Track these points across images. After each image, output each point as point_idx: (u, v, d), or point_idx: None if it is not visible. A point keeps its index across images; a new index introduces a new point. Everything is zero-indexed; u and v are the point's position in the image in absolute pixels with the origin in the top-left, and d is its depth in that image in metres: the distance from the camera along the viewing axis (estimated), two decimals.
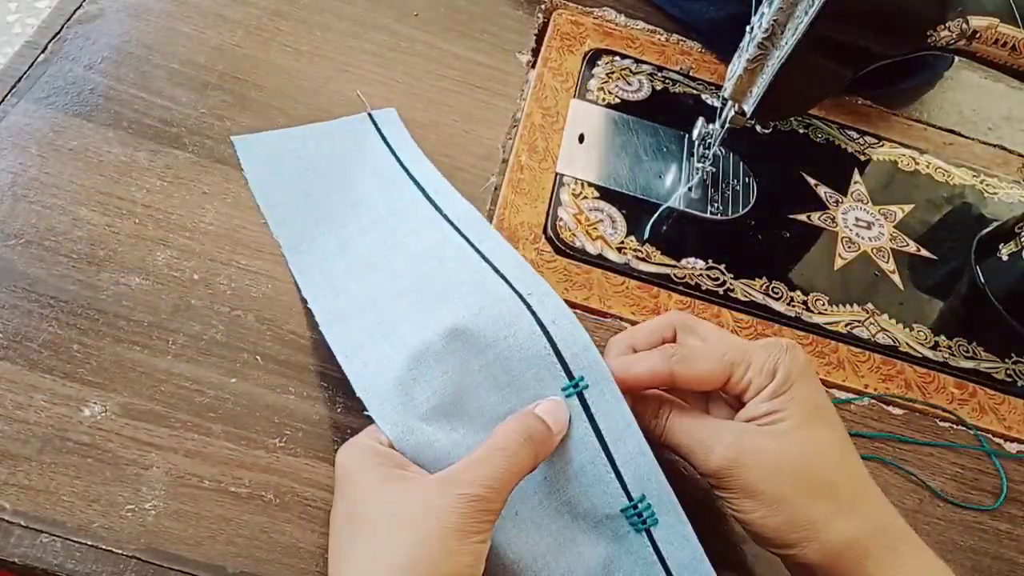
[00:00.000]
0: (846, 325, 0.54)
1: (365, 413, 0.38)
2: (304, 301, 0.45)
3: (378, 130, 0.54)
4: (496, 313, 0.40)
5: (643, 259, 0.54)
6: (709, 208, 0.58)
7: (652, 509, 0.38)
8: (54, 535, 0.37)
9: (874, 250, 0.59)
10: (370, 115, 0.55)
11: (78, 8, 0.55)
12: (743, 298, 0.53)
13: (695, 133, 0.58)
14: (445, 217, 0.47)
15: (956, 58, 0.49)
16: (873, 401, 0.51)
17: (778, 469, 0.36)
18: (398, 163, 0.51)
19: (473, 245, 0.44)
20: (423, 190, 0.49)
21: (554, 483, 0.39)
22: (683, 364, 0.39)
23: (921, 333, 0.55)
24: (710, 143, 0.57)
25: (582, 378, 0.39)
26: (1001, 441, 0.51)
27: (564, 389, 0.39)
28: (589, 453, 0.38)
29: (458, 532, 0.32)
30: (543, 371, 0.39)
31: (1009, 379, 0.54)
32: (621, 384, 0.39)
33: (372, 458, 0.36)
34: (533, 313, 0.40)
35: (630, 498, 0.38)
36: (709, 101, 0.65)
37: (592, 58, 0.65)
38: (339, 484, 0.37)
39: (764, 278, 0.55)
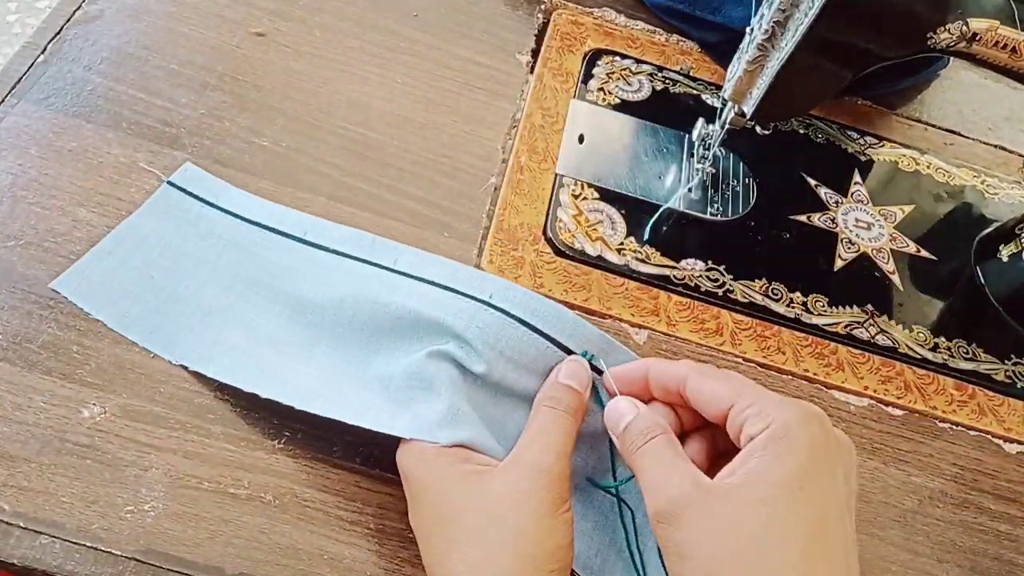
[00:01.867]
0: (846, 326, 0.54)
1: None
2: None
3: (189, 194, 0.48)
4: (471, 337, 0.39)
5: (643, 260, 0.54)
6: (709, 209, 0.58)
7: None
8: (53, 536, 0.37)
9: (874, 251, 0.59)
10: (169, 182, 0.48)
11: (78, 9, 0.55)
12: (743, 299, 0.53)
13: (695, 134, 0.58)
14: (336, 253, 0.45)
15: (954, 58, 0.49)
16: (872, 403, 0.51)
17: (718, 542, 0.31)
18: (239, 219, 0.47)
19: (391, 270, 0.44)
20: (287, 235, 0.46)
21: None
22: (701, 375, 0.37)
23: (921, 334, 0.55)
24: (710, 144, 0.57)
25: (586, 352, 0.41)
26: (1000, 442, 0.51)
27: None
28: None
29: (550, 509, 0.35)
30: (552, 365, 0.41)
31: (1009, 380, 0.54)
32: (640, 368, 0.40)
33: (439, 459, 0.37)
34: (509, 315, 0.40)
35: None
36: (709, 102, 0.65)
37: (592, 58, 0.65)
38: (417, 489, 0.37)
39: (764, 279, 0.55)
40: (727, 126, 0.54)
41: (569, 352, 0.41)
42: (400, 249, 0.45)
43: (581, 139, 0.59)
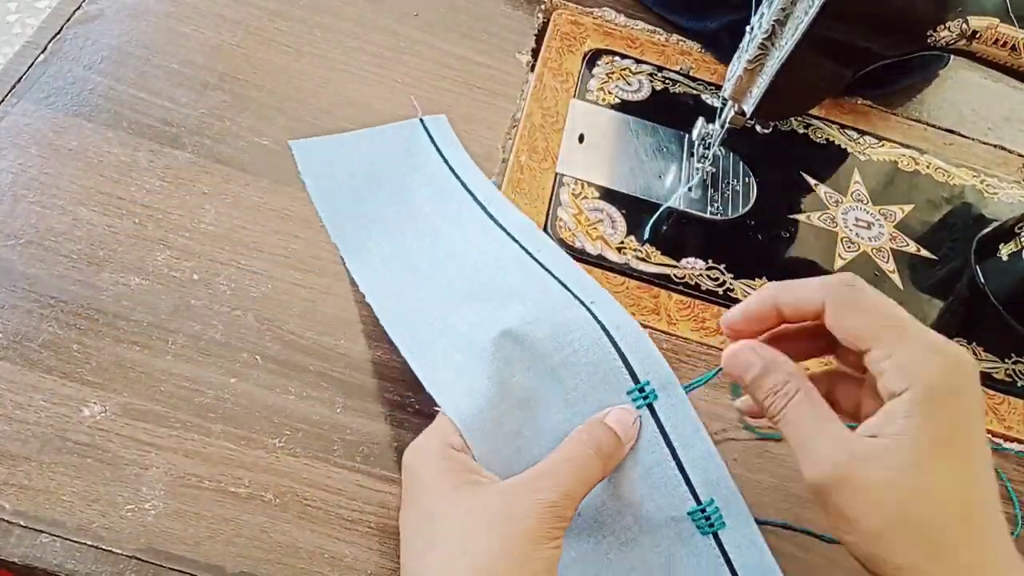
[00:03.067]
0: None
1: (435, 409, 0.39)
2: (367, 309, 0.45)
3: (430, 137, 0.54)
4: (559, 320, 0.40)
5: (643, 259, 0.54)
6: (709, 208, 0.58)
7: (720, 512, 0.37)
8: (54, 535, 0.37)
9: (874, 250, 0.59)
10: (422, 121, 0.55)
11: (78, 8, 0.55)
12: (743, 298, 0.53)
13: (695, 133, 0.58)
14: (501, 227, 0.47)
15: (954, 57, 0.49)
16: None
17: (878, 509, 0.32)
18: (450, 171, 0.52)
19: (531, 254, 0.45)
20: (476, 199, 0.49)
21: (619, 485, 0.39)
22: (839, 304, 0.34)
23: None
24: (710, 143, 0.57)
25: (648, 383, 0.39)
26: (1001, 441, 0.51)
27: (630, 393, 0.39)
28: (656, 456, 0.38)
29: (535, 538, 0.33)
30: (610, 376, 0.39)
31: (1009, 379, 0.54)
32: (770, 312, 0.36)
33: (442, 462, 0.36)
34: (597, 320, 0.40)
35: (698, 501, 0.38)
36: (709, 101, 0.65)
37: (592, 58, 0.65)
38: (410, 487, 0.37)
39: (764, 278, 0.55)
40: (727, 125, 0.54)
41: (635, 376, 0.39)
42: (544, 242, 0.46)
43: (581, 139, 0.59)
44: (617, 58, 0.66)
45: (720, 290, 0.53)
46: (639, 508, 0.38)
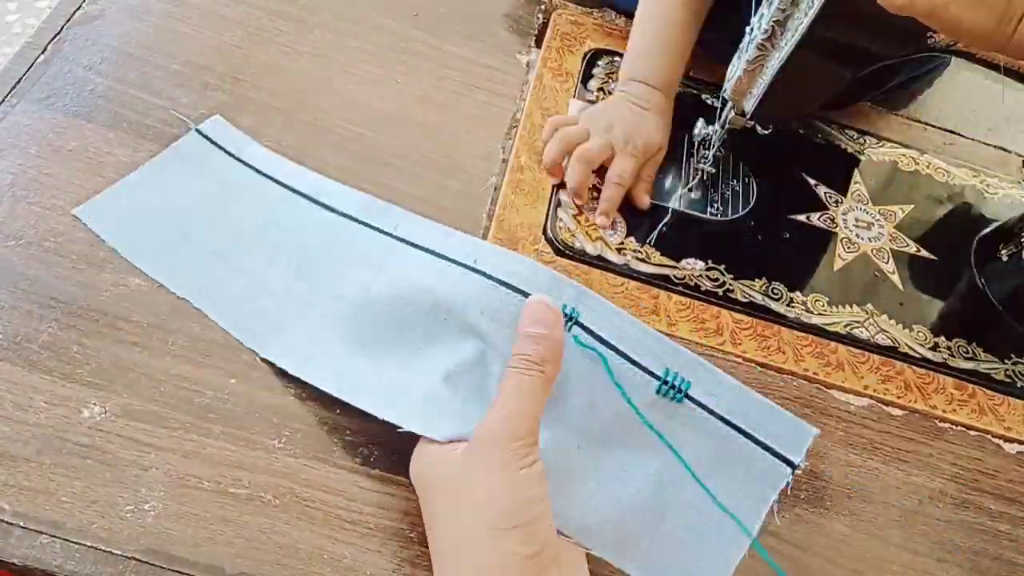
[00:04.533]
0: (846, 326, 0.54)
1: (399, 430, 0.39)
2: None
3: (212, 143, 0.51)
4: (458, 295, 0.41)
5: (643, 260, 0.54)
6: (709, 209, 0.58)
7: (679, 375, 0.39)
8: (53, 536, 0.37)
9: (874, 251, 0.59)
10: (197, 131, 0.51)
11: (78, 9, 0.55)
12: (743, 299, 0.53)
13: (695, 134, 0.58)
14: (347, 216, 0.47)
15: (953, 57, 0.49)
16: (872, 402, 0.51)
17: None
18: (249, 168, 0.50)
19: (387, 232, 0.45)
20: (309, 197, 0.49)
21: (589, 411, 0.40)
22: None
23: (921, 334, 0.55)
24: (710, 144, 0.57)
25: (564, 305, 0.40)
26: (1000, 442, 0.51)
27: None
28: (597, 365, 0.39)
29: (505, 470, 0.35)
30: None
31: (1008, 380, 0.54)
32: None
33: (428, 455, 0.38)
34: (491, 277, 0.41)
35: (656, 377, 0.39)
36: (709, 102, 0.65)
37: (592, 58, 0.65)
38: (418, 488, 0.39)
39: (764, 279, 0.55)
40: (727, 126, 0.54)
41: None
42: (401, 215, 0.46)
43: None
44: (617, 58, 0.66)
45: (720, 291, 0.53)
46: (612, 415, 0.39)
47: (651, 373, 0.39)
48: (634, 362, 0.39)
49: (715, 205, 0.58)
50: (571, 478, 0.39)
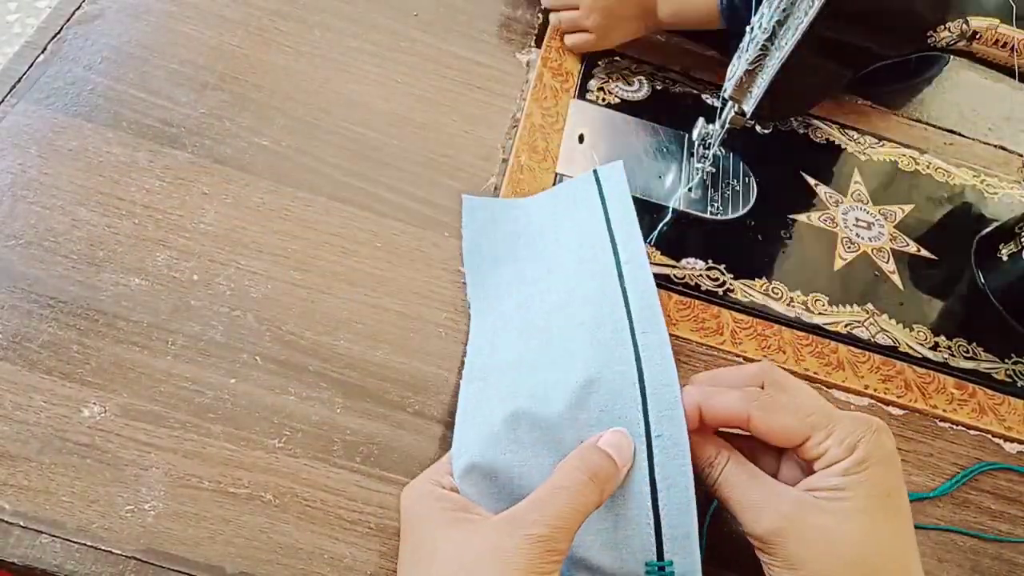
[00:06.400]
0: (846, 325, 0.54)
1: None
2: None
3: (599, 188, 0.51)
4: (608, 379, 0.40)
5: None
6: (709, 208, 0.58)
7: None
8: (54, 536, 0.37)
9: (874, 250, 0.59)
10: (595, 172, 0.53)
11: (78, 8, 0.55)
12: (743, 298, 0.53)
13: (695, 133, 0.58)
14: (624, 291, 0.45)
15: (953, 57, 0.49)
16: (873, 402, 0.51)
17: (829, 550, 0.34)
18: (606, 227, 0.49)
19: (633, 335, 0.42)
20: (617, 256, 0.47)
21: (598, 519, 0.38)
22: (763, 412, 0.37)
23: (921, 333, 0.55)
24: (710, 143, 0.57)
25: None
26: (1001, 442, 0.51)
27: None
28: (637, 501, 0.37)
29: (526, 574, 0.32)
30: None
31: (1009, 379, 0.54)
32: (693, 415, 0.38)
33: (436, 502, 0.36)
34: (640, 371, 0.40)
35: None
36: (709, 101, 0.65)
37: (592, 58, 0.65)
38: (405, 526, 0.37)
39: (764, 278, 0.55)
40: (727, 125, 0.53)
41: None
42: (656, 326, 0.43)
43: (581, 139, 0.59)
44: (617, 58, 0.66)
45: (720, 290, 0.53)
46: (609, 545, 0.38)
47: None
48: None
49: (715, 205, 0.58)
50: None
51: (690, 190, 0.58)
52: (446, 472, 0.39)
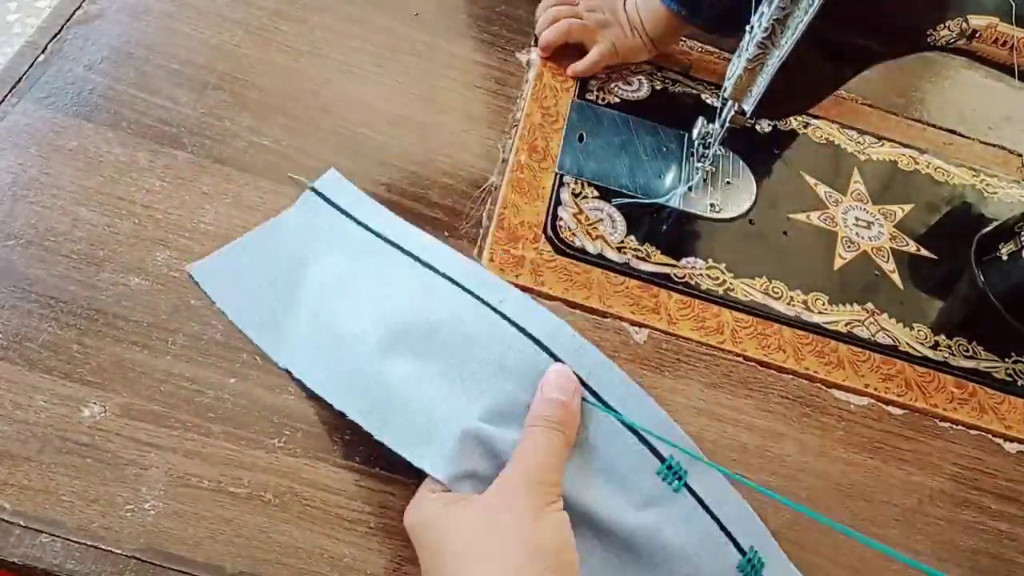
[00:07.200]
0: (846, 325, 0.54)
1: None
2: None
3: (327, 200, 0.50)
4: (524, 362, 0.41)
5: (643, 259, 0.54)
6: (709, 208, 0.58)
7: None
8: (54, 535, 0.37)
9: (874, 250, 0.59)
10: (312, 189, 0.50)
11: (78, 8, 0.55)
12: (743, 298, 0.53)
13: (695, 133, 0.58)
14: (450, 279, 0.45)
15: (954, 56, 0.49)
16: (873, 401, 0.51)
17: None
18: (359, 226, 0.48)
19: (494, 308, 0.43)
20: (410, 254, 0.47)
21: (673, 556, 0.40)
22: None
23: (921, 333, 0.55)
24: (710, 143, 0.57)
25: (671, 458, 0.41)
26: (1001, 441, 0.51)
27: (659, 473, 0.41)
28: (702, 523, 0.41)
29: (539, 506, 0.35)
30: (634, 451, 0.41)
31: (1009, 378, 0.54)
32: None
33: (435, 502, 0.37)
34: (517, 327, 0.41)
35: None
36: (709, 101, 0.65)
37: None
38: (415, 540, 0.37)
39: (764, 278, 0.55)
40: (727, 125, 0.53)
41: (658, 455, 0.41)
42: (508, 291, 0.44)
43: (581, 138, 0.59)
44: None
45: (720, 289, 0.53)
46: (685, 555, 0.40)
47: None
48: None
49: (715, 204, 0.58)
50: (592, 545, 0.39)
51: (690, 189, 0.58)
52: (432, 480, 0.39)
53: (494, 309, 0.43)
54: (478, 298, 0.43)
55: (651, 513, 0.39)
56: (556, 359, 0.41)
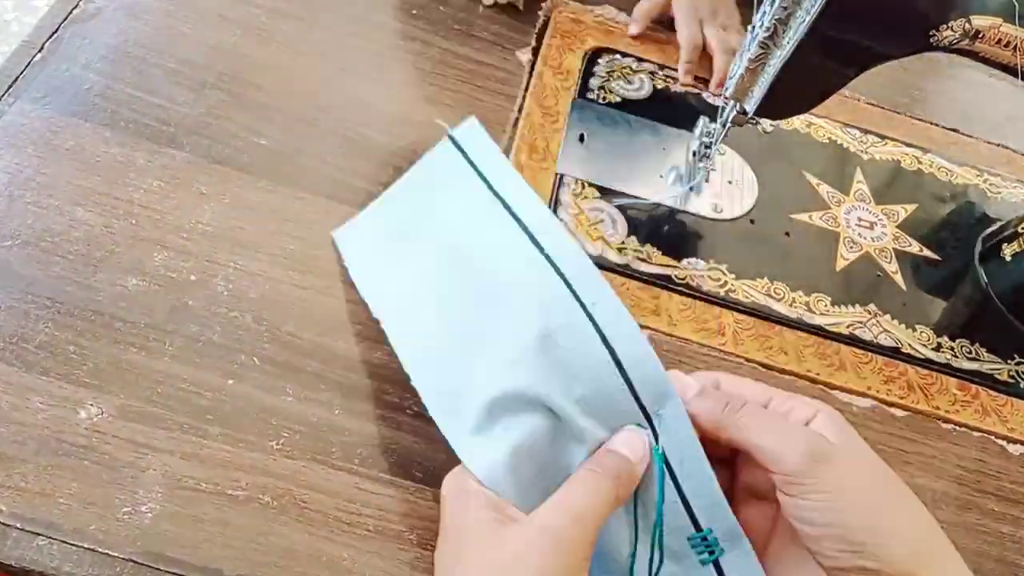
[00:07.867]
0: (848, 326, 0.54)
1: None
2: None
3: (461, 151, 0.47)
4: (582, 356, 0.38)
5: (644, 260, 0.53)
6: (711, 208, 0.58)
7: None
8: (50, 538, 0.37)
9: (876, 250, 0.59)
10: (451, 137, 0.48)
11: (75, 7, 0.55)
12: (744, 299, 0.53)
13: (697, 132, 0.58)
14: (556, 269, 0.41)
15: (957, 57, 0.49)
16: (875, 403, 0.51)
17: (857, 467, 0.35)
18: (486, 186, 0.45)
19: (584, 308, 0.40)
20: (525, 229, 0.43)
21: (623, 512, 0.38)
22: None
23: (924, 334, 0.55)
24: (712, 142, 0.57)
25: (710, 530, 0.37)
26: (1004, 443, 0.51)
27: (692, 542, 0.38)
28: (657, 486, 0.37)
29: (556, 573, 0.32)
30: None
31: (1012, 380, 0.54)
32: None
33: (472, 499, 0.36)
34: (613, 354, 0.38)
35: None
36: (710, 100, 0.65)
37: (593, 56, 0.65)
38: (445, 523, 0.36)
39: (765, 279, 0.55)
40: (729, 124, 0.53)
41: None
42: (605, 294, 0.39)
43: (582, 138, 0.59)
44: (618, 56, 0.65)
45: (721, 291, 0.53)
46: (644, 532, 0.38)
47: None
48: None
49: (717, 204, 0.58)
50: None
51: (691, 189, 0.58)
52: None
53: (585, 310, 0.39)
54: (573, 292, 0.40)
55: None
56: (636, 397, 0.38)
